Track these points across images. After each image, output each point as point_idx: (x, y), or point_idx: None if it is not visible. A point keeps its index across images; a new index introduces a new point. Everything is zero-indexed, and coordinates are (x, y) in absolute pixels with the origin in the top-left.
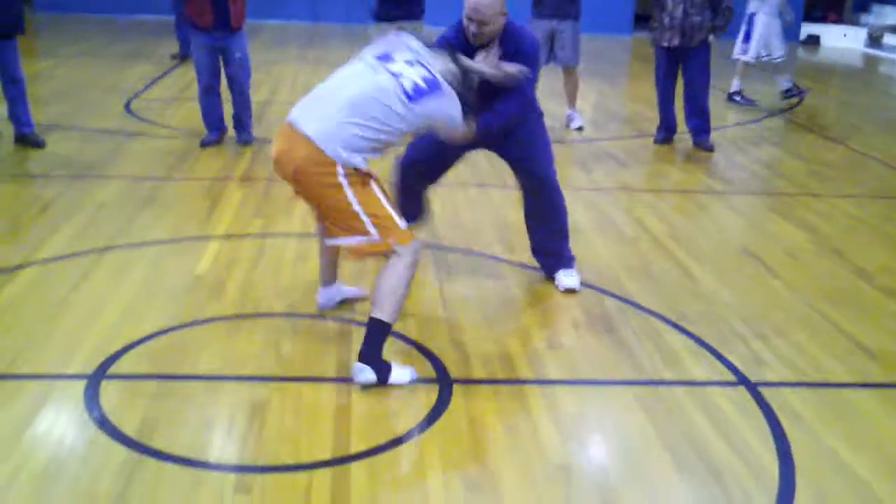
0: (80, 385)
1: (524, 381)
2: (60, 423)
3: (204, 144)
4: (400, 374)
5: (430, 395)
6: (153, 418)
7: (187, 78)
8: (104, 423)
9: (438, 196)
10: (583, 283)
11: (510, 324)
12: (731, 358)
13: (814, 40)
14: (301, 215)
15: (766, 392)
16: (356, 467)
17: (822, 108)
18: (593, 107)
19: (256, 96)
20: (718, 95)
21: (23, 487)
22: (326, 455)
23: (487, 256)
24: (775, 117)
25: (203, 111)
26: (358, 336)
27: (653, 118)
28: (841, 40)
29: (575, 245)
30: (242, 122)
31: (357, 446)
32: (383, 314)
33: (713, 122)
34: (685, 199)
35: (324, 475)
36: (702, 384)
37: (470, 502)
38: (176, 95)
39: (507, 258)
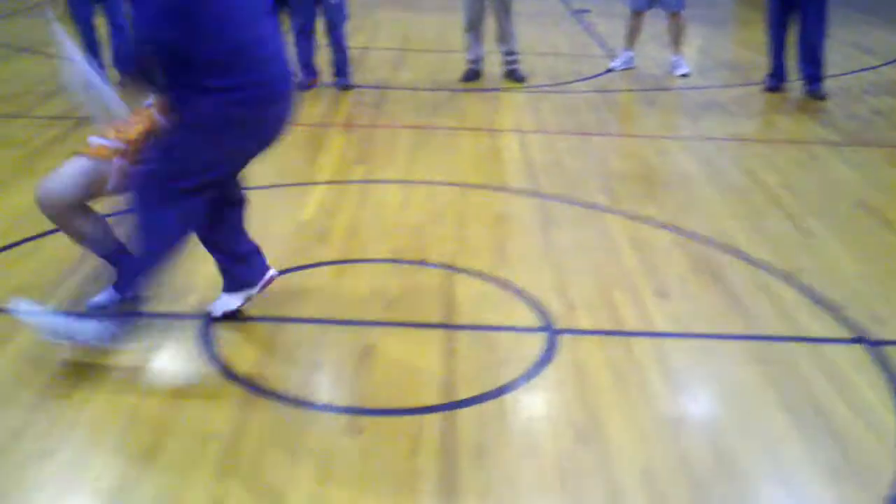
0: (195, 325)
1: (631, 333)
2: (178, 361)
3: (297, 88)
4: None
5: (535, 345)
6: (265, 360)
7: (286, 24)
8: (219, 363)
9: (539, 143)
10: (690, 235)
11: (616, 274)
12: (847, 314)
13: None
14: (404, 162)
15: (885, 350)
16: (463, 414)
17: None
18: (698, 53)
19: (354, 42)
20: (830, 41)
21: (144, 423)
22: (434, 401)
23: (591, 206)
24: (892, 65)
25: (297, 55)
26: (462, 283)
27: (761, 65)
28: None
29: (682, 196)
30: (340, 68)
31: (464, 393)
32: None
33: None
34: (797, 150)
35: (432, 420)
36: (817, 341)
37: (578, 453)
38: None
39: (610, 207)
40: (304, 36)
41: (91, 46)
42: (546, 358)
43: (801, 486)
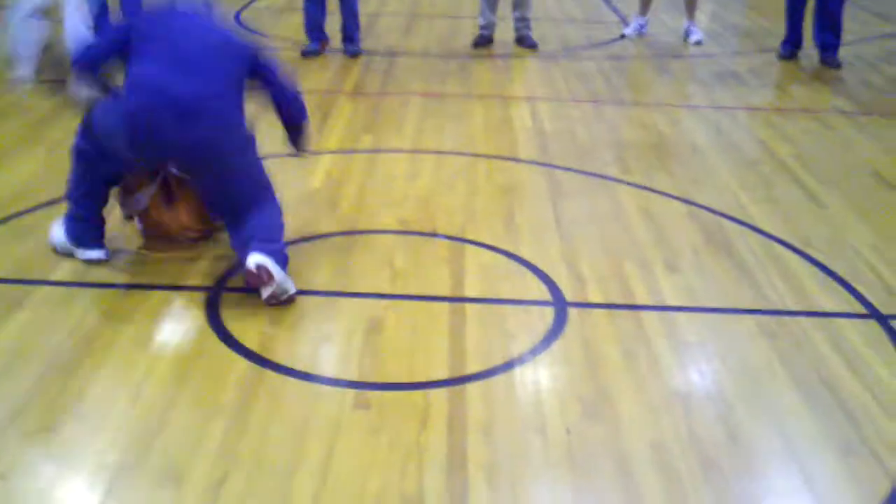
0: (202, 296)
1: (641, 307)
2: (184, 333)
3: (305, 54)
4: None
5: (544, 318)
6: (272, 332)
7: None
8: (225, 336)
9: (550, 111)
10: (702, 206)
11: (626, 247)
12: (860, 288)
13: None
14: (413, 130)
15: None
16: (472, 388)
17: None
18: (711, 19)
19: (365, 8)
20: (846, 8)
21: (150, 396)
22: (442, 375)
23: (602, 176)
24: None
25: (306, 18)
26: (471, 254)
27: (776, 32)
28: None
29: (694, 166)
30: (350, 34)
31: (472, 367)
32: None
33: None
34: (811, 120)
35: (440, 395)
36: (829, 315)
37: (586, 427)
38: (285, 6)
39: (622, 178)
40: (314, 1)
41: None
42: (555, 332)
43: (811, 462)
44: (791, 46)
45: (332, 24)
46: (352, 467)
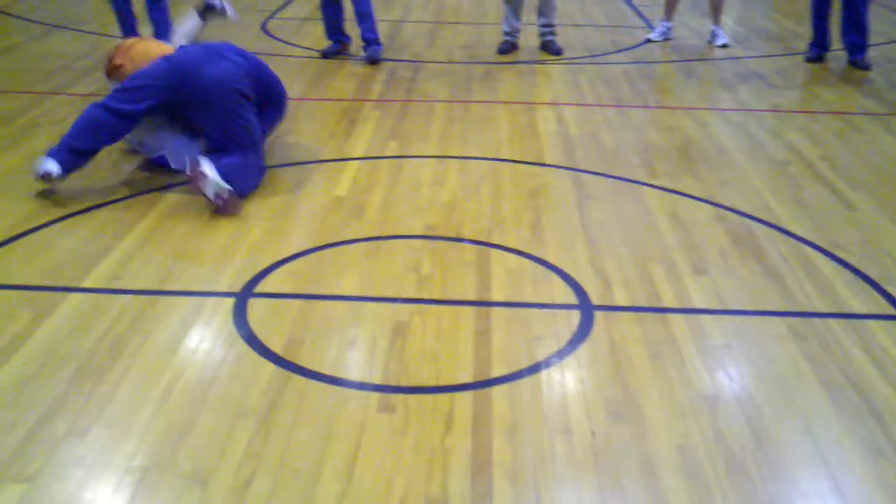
0: (229, 302)
1: (668, 310)
2: (211, 339)
3: (325, 55)
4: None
5: (570, 321)
6: (298, 336)
7: None
8: (252, 340)
9: (576, 116)
10: (729, 209)
11: (653, 250)
12: (891, 290)
13: None
14: (438, 137)
15: None
16: (497, 391)
17: None
18: (737, 22)
19: (389, 15)
20: (874, 9)
21: (177, 400)
22: (467, 378)
23: (628, 179)
24: None
25: (325, 21)
26: (497, 259)
27: (803, 35)
28: None
29: (721, 169)
30: (367, 37)
31: (498, 370)
32: None
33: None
34: (840, 122)
35: (465, 398)
36: (859, 317)
37: (612, 429)
38: (310, 15)
39: (649, 181)
40: (331, 2)
41: (127, 20)
42: (581, 335)
43: (840, 464)
44: (818, 49)
45: (357, 29)
46: (376, 470)
